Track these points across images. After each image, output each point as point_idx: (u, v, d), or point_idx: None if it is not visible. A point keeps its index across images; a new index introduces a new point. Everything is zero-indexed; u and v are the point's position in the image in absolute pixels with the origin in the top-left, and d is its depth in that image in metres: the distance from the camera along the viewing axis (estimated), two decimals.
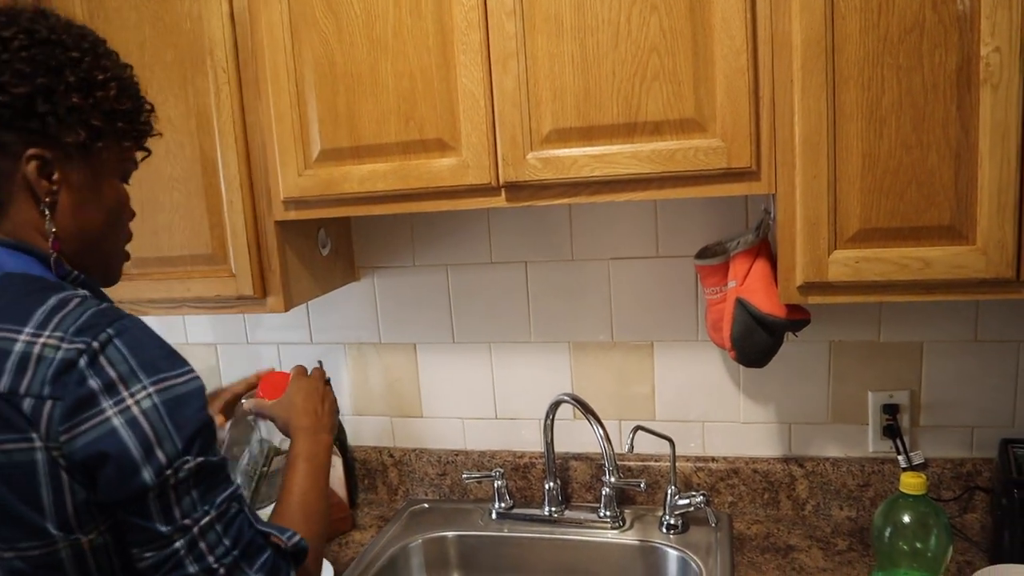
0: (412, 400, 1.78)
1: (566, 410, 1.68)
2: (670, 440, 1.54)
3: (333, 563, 1.52)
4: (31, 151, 0.81)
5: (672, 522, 1.54)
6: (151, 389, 0.77)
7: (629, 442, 1.44)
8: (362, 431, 1.84)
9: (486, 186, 1.26)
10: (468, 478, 1.66)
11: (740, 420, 1.60)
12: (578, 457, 1.68)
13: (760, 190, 1.19)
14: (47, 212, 0.84)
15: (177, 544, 0.78)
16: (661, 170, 1.19)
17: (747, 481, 1.59)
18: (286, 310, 1.45)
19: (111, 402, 0.75)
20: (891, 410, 1.51)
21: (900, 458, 1.50)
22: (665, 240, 1.57)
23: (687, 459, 1.62)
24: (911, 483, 1.07)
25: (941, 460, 1.51)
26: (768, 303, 1.28)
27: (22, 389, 0.74)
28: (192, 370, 0.81)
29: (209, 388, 0.93)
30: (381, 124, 1.29)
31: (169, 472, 0.77)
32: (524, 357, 1.69)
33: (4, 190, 0.82)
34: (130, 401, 0.76)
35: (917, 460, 1.50)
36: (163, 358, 0.80)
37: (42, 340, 0.76)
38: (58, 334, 0.76)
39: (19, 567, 0.77)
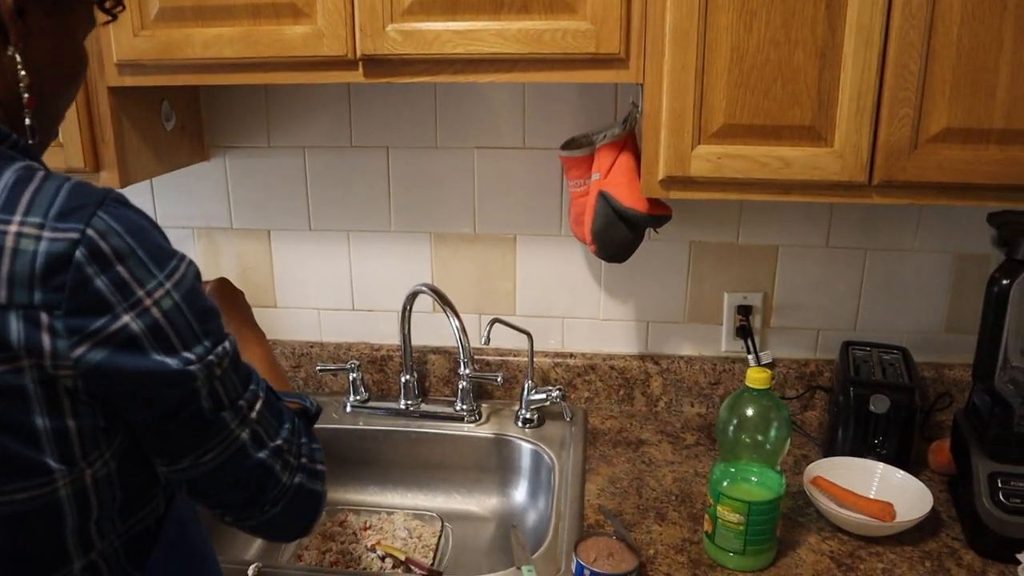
0: (266, 289, 1.69)
1: (425, 303, 1.64)
2: (528, 334, 1.52)
3: None
4: None
5: (528, 416, 1.54)
6: (168, 285, 0.64)
7: (486, 335, 1.41)
8: None
9: (342, 58, 1.16)
10: (322, 369, 1.61)
11: (600, 317, 1.60)
12: (436, 351, 1.65)
13: (628, 78, 1.15)
14: (18, 59, 0.68)
15: (241, 434, 0.71)
16: (527, 51, 1.12)
17: (604, 377, 1.61)
18: (122, 186, 1.31)
19: (126, 305, 0.62)
20: (744, 311, 1.54)
21: (750, 357, 1.54)
22: (533, 131, 1.51)
23: (546, 355, 1.62)
24: (756, 377, 1.08)
25: (788, 360, 1.56)
26: (631, 197, 1.26)
27: (1, 296, 0.59)
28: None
29: None
30: None
31: (213, 365, 0.67)
32: (384, 247, 1.62)
33: None
34: (148, 302, 0.63)
35: (765, 359, 1.55)
36: (164, 241, 0.67)
37: (13, 228, 0.60)
38: (35, 219, 0.60)
39: (5, 514, 0.64)
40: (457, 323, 1.36)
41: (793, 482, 1.30)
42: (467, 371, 1.37)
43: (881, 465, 1.27)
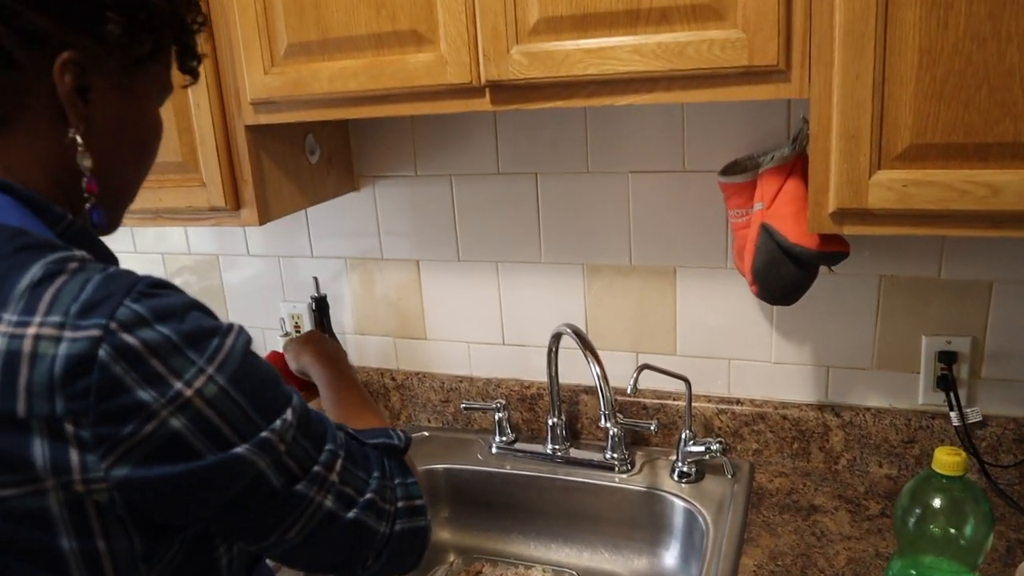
0: (416, 321, 1.65)
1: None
2: (686, 380, 1.37)
3: None
4: (66, 55, 0.60)
5: (684, 470, 1.38)
6: (210, 369, 0.57)
7: (632, 383, 1.27)
8: (366, 351, 1.72)
9: (467, 86, 1.08)
10: (468, 407, 1.54)
11: (771, 360, 1.42)
12: (589, 391, 1.53)
13: (790, 93, 0.97)
14: (79, 140, 0.63)
15: (325, 502, 0.65)
16: (669, 68, 0.98)
17: (775, 428, 1.41)
18: (261, 223, 1.31)
19: (164, 401, 0.55)
20: (947, 358, 1.30)
21: (953, 415, 1.29)
22: (693, 152, 1.35)
23: (709, 399, 1.45)
24: (947, 461, 0.88)
25: (1002, 419, 1.30)
26: (798, 231, 1.08)
27: (19, 409, 0.52)
28: (225, 322, 0.63)
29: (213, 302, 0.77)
30: (350, 13, 1.11)
31: (275, 442, 0.61)
32: (534, 278, 1.53)
33: (11, 102, 0.60)
34: (189, 392, 0.56)
35: (973, 417, 1.29)
36: (205, 318, 0.60)
37: (32, 330, 0.53)
38: (55, 318, 0.53)
39: None
40: (598, 370, 1.23)
41: None
42: (609, 423, 1.23)
43: None
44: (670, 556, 1.36)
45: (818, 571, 1.14)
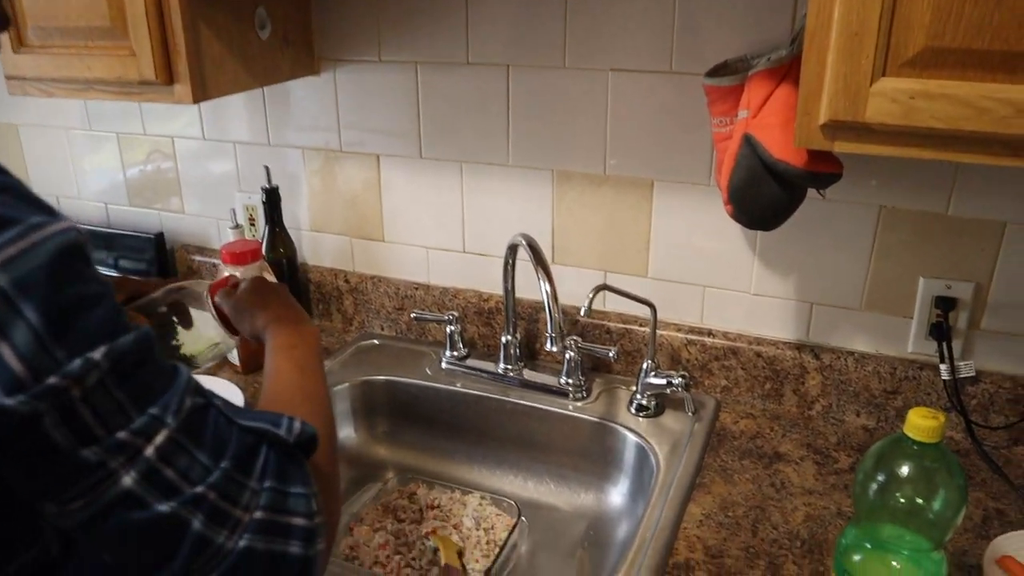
0: (374, 221, 1.52)
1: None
2: (651, 306, 1.24)
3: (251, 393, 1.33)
4: None
5: (643, 402, 1.27)
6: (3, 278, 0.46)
7: (587, 304, 1.14)
8: (321, 250, 1.60)
9: None
10: (418, 317, 1.42)
11: (750, 291, 1.28)
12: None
13: None
14: None
15: (124, 478, 0.51)
16: None
17: (747, 365, 1.29)
18: (195, 101, 1.16)
19: None
20: (945, 305, 1.16)
21: (943, 367, 1.17)
22: (683, 52, 1.19)
23: (679, 328, 1.33)
24: (921, 425, 0.75)
25: (998, 376, 1.17)
26: (784, 145, 0.93)
27: None
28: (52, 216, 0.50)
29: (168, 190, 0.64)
30: None
31: (66, 387, 0.48)
32: (500, 182, 1.38)
33: None
34: None
35: (966, 372, 1.16)
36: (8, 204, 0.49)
37: None
38: None
39: None
40: (547, 287, 1.10)
41: (973, 552, 0.95)
42: (557, 346, 1.10)
43: None
44: (617, 493, 1.26)
45: (770, 527, 1.03)
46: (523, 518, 1.21)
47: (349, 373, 1.42)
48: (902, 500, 0.78)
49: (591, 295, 1.15)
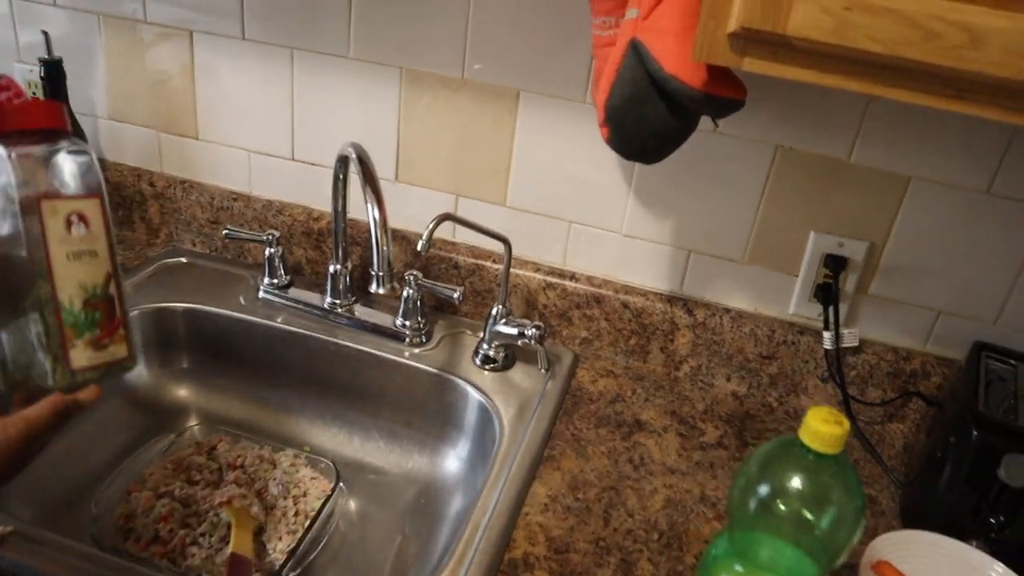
0: (186, 113, 1.24)
1: (383, 167, 1.16)
2: (504, 241, 1.04)
3: None
4: None
5: (490, 354, 1.09)
6: None
7: (425, 237, 0.93)
8: (122, 144, 1.31)
9: None
10: (231, 235, 1.17)
11: (622, 231, 1.11)
12: (394, 234, 1.18)
13: None
14: None
15: None
16: None
17: (612, 316, 1.13)
18: None
19: None
20: (835, 264, 1.02)
21: (827, 335, 1.04)
22: None
23: (538, 268, 1.14)
24: (823, 433, 0.59)
25: (881, 347, 1.05)
26: (679, 57, 0.74)
27: None
28: None
29: None
30: None
31: None
32: (338, 79, 1.14)
33: None
34: None
35: (849, 340, 1.04)
36: None
37: None
38: None
39: None
40: (376, 213, 0.88)
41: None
42: (384, 287, 0.89)
43: (998, 566, 0.78)
44: (455, 457, 1.09)
45: (625, 513, 0.88)
46: (342, 484, 1.02)
47: (145, 296, 1.16)
48: (786, 512, 0.63)
49: (432, 225, 0.94)
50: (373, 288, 0.86)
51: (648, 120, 0.79)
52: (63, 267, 0.64)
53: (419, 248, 0.92)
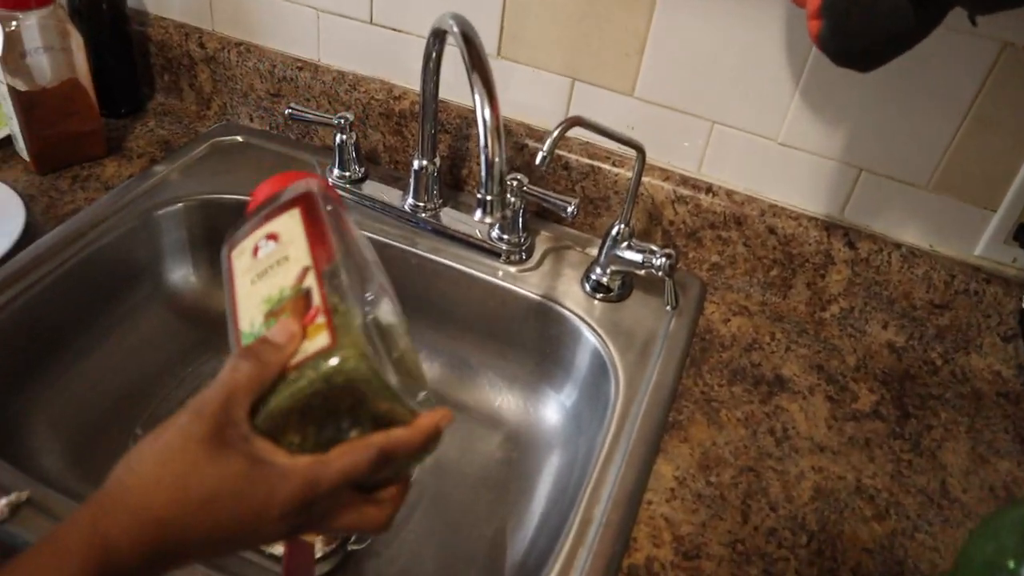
0: None
1: (486, 41, 0.94)
2: (639, 149, 0.84)
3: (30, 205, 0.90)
4: None
5: (604, 281, 0.90)
6: None
7: (546, 149, 0.73)
8: None
9: None
10: (295, 114, 0.97)
11: (778, 138, 0.89)
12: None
13: None
14: None
15: None
16: None
17: (752, 240, 0.93)
18: None
19: None
20: None
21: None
22: None
23: (667, 176, 0.94)
24: None
25: None
26: None
27: None
28: None
29: None
30: None
31: None
32: None
33: None
34: None
35: None
36: None
37: None
38: None
39: None
40: (487, 113, 0.66)
41: None
42: (494, 199, 0.69)
43: None
44: (556, 406, 0.93)
45: (767, 506, 0.72)
46: None
47: (192, 184, 0.99)
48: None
49: (556, 132, 0.73)
50: (479, 216, 0.67)
51: (881, 14, 0.56)
52: (246, 296, 0.50)
53: (538, 162, 0.72)
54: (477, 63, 0.67)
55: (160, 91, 1.15)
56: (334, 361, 0.43)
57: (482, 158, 0.65)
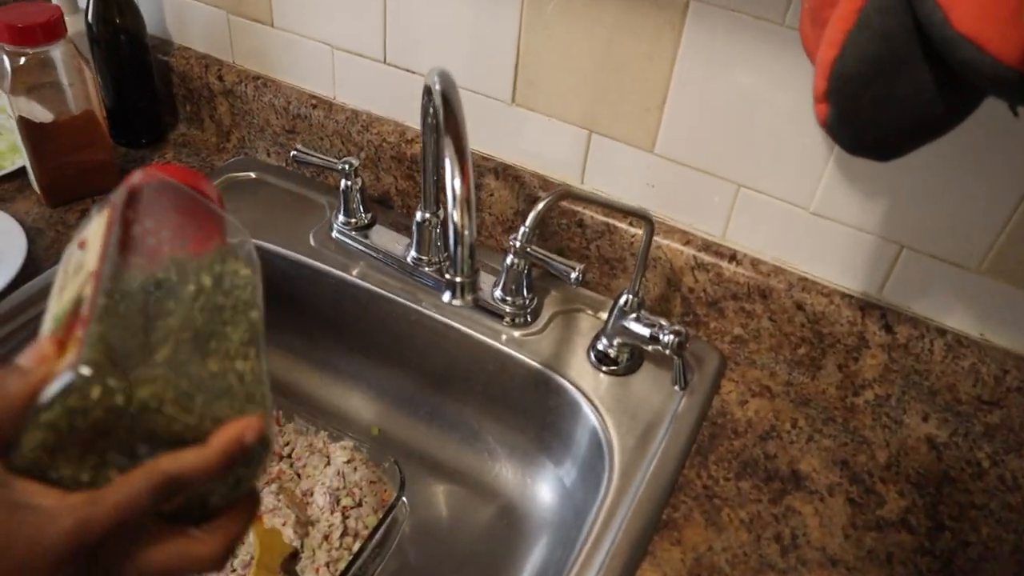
0: None
1: (497, 85, 0.89)
2: (647, 218, 0.77)
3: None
4: None
5: (611, 352, 0.83)
6: None
7: (530, 221, 0.67)
8: (188, 26, 1.08)
9: None
10: (300, 157, 0.94)
11: (810, 207, 0.80)
12: (504, 170, 0.92)
13: None
14: None
15: None
16: None
17: (778, 315, 0.84)
18: None
19: None
20: None
21: None
22: None
23: (687, 240, 0.86)
24: None
25: None
26: (986, 10, 0.42)
27: None
28: None
29: None
30: None
31: None
32: None
33: None
34: None
35: None
36: None
37: None
38: None
39: None
40: (457, 184, 0.60)
41: None
42: (466, 298, 0.62)
43: None
44: (554, 482, 0.87)
45: None
46: (404, 497, 0.82)
47: None
48: None
49: (541, 206, 0.67)
50: (446, 299, 0.61)
51: (900, 99, 0.48)
52: (48, 315, 0.43)
53: (514, 240, 0.66)
54: (452, 126, 0.61)
55: (183, 121, 1.13)
56: (71, 379, 0.36)
57: (450, 234, 0.59)
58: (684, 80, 0.79)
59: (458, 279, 0.60)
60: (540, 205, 0.67)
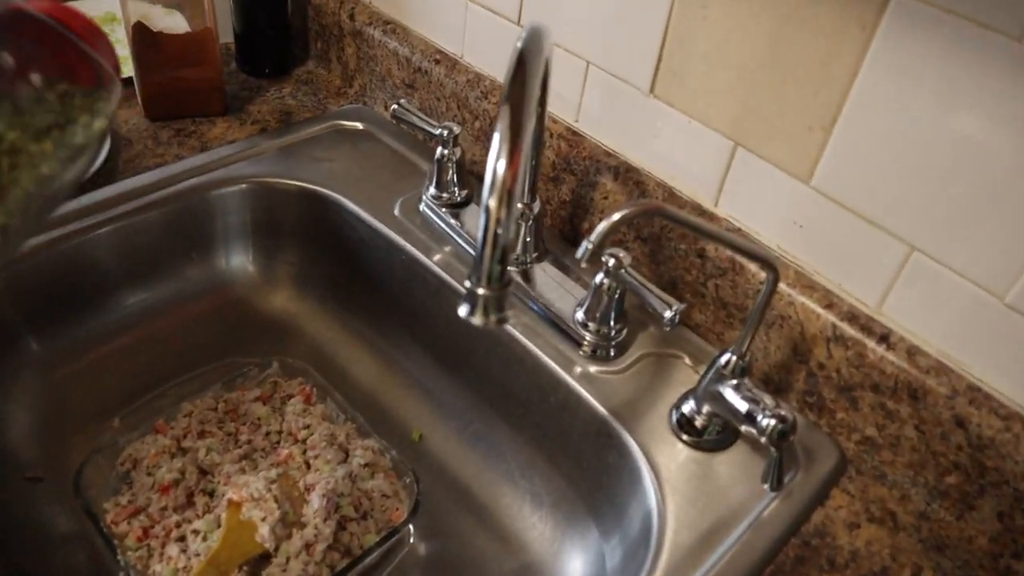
0: None
1: (634, 68, 0.73)
2: (772, 267, 0.59)
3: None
4: None
5: (697, 421, 0.66)
6: None
7: (594, 237, 0.51)
8: None
9: None
10: (399, 113, 0.82)
11: (1005, 297, 0.59)
12: (627, 172, 0.77)
13: None
14: None
15: None
16: None
17: (931, 426, 0.64)
18: None
19: None
20: None
21: None
22: None
23: (831, 303, 0.67)
24: None
25: None
26: None
27: None
28: None
29: None
30: None
31: None
32: None
33: None
34: None
35: None
36: None
37: None
38: None
39: None
40: (501, 165, 0.45)
41: None
42: (487, 285, 0.47)
43: None
44: (593, 556, 0.71)
45: None
46: (411, 526, 0.69)
47: (291, 164, 0.87)
48: None
49: (617, 216, 0.51)
50: (463, 313, 0.47)
51: None
52: None
53: (577, 255, 0.50)
54: (514, 93, 0.47)
55: (313, 58, 1.06)
56: None
57: (480, 229, 0.45)
58: (866, 97, 0.60)
59: (480, 290, 0.45)
60: (616, 216, 0.51)
